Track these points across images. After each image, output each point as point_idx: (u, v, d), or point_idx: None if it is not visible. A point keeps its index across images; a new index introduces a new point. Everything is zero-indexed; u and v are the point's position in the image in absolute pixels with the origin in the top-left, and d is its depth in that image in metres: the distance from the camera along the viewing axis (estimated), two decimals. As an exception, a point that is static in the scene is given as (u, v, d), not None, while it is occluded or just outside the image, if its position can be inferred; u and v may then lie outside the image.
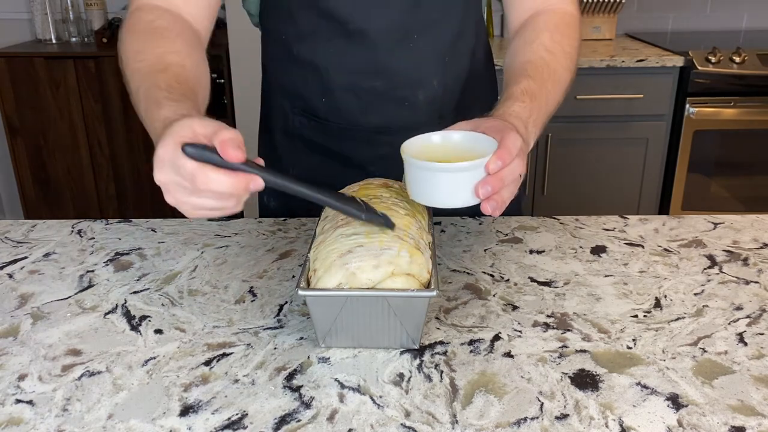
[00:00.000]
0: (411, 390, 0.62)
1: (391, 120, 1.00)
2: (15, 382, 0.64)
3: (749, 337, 0.70)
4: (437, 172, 0.67)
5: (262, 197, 1.14)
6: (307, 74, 1.00)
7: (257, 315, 0.75)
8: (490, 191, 0.67)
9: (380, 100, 0.99)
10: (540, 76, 0.85)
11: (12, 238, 0.95)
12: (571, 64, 0.92)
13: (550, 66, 0.87)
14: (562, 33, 0.93)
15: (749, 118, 2.38)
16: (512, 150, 0.68)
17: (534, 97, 0.81)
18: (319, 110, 1.02)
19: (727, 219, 0.99)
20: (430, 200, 0.69)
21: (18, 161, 2.79)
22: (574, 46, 0.93)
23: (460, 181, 0.67)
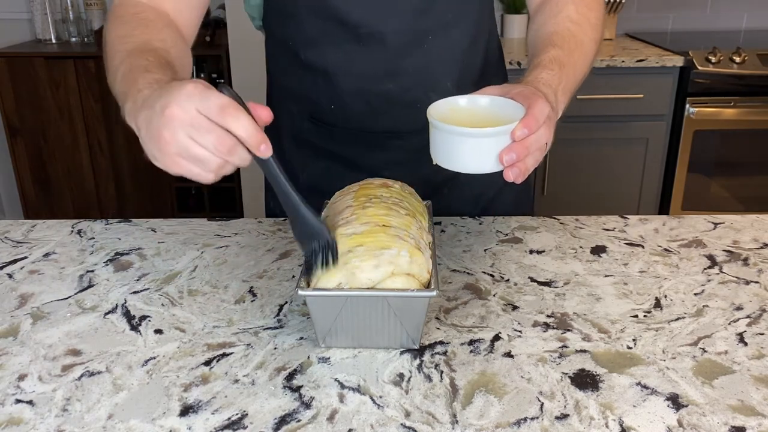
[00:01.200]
0: (411, 390, 0.62)
1: (401, 123, 0.99)
2: (15, 382, 0.64)
3: (749, 337, 0.70)
4: (462, 136, 0.66)
5: (269, 202, 1.13)
6: (316, 79, 0.98)
7: (257, 315, 0.75)
8: (515, 159, 0.66)
9: (391, 103, 0.97)
10: (567, 46, 0.84)
11: (12, 238, 0.95)
12: (597, 35, 0.91)
13: (577, 36, 0.87)
14: (587, 5, 0.92)
15: (749, 118, 2.38)
16: (539, 118, 0.67)
17: (562, 66, 0.80)
18: (328, 115, 1.01)
19: (727, 219, 0.99)
20: (454, 165, 0.69)
21: (18, 161, 2.79)
22: (599, 18, 0.93)
23: (485, 147, 0.67)
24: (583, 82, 0.88)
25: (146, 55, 0.75)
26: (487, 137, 0.66)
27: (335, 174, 1.04)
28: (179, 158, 0.62)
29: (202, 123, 0.60)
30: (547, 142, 0.70)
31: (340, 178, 1.04)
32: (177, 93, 0.61)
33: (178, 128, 0.60)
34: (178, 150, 0.61)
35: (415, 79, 0.96)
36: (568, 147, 2.44)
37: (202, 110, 0.59)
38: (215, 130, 0.60)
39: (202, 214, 2.88)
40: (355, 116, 0.99)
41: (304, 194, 0.81)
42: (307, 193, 1.07)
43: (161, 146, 0.62)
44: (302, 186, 1.05)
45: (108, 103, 2.70)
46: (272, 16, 1.02)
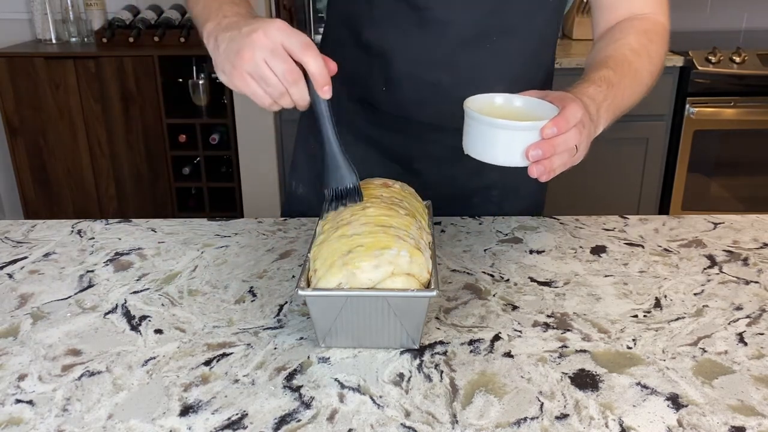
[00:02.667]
0: (411, 390, 0.62)
1: (445, 118, 0.97)
2: (15, 382, 0.64)
3: (749, 337, 0.70)
4: (493, 127, 0.70)
5: (291, 183, 1.14)
6: (372, 60, 0.98)
7: (257, 315, 0.75)
8: (540, 155, 0.69)
9: (440, 95, 0.97)
10: (620, 70, 0.85)
11: (12, 238, 0.95)
12: (655, 69, 0.91)
13: (633, 64, 0.87)
14: (649, 38, 0.92)
15: (749, 118, 2.38)
16: (570, 119, 0.69)
17: (611, 85, 0.81)
18: (377, 99, 1.01)
19: (727, 219, 0.99)
20: (483, 155, 0.73)
21: (18, 161, 2.79)
22: (660, 54, 0.93)
23: (514, 141, 0.69)
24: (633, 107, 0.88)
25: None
26: (516, 131, 0.69)
27: (371, 160, 1.04)
28: (248, 76, 0.70)
29: (280, 53, 0.69)
30: (577, 146, 0.71)
31: (375, 164, 1.04)
32: (267, 23, 0.70)
33: (258, 50, 0.68)
34: (251, 69, 0.69)
35: (468, 76, 0.95)
36: (568, 147, 2.44)
37: (285, 44, 0.69)
38: (288, 62, 0.69)
39: (202, 214, 2.88)
40: (402, 102, 0.99)
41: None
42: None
43: (237, 62, 0.70)
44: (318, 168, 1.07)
45: (108, 103, 2.70)
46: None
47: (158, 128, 2.74)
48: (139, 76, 2.66)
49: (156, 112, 2.71)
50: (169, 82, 2.75)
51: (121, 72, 2.66)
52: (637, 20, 0.96)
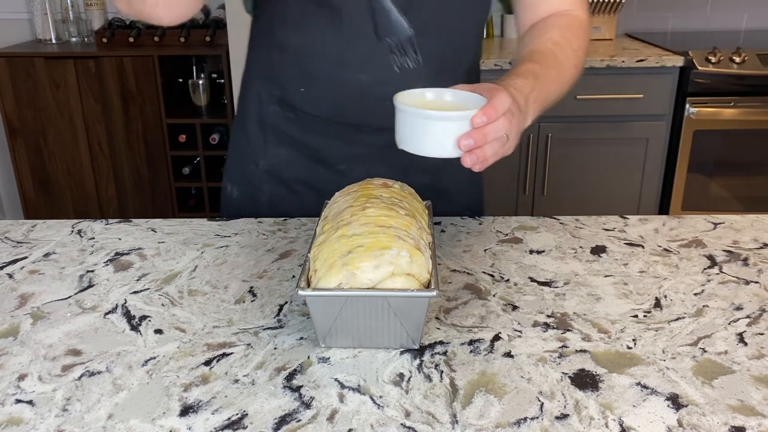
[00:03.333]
0: (411, 390, 0.62)
1: (370, 117, 0.99)
2: (15, 382, 0.64)
3: (749, 337, 0.70)
4: (423, 119, 0.70)
5: (226, 185, 1.12)
6: (291, 61, 0.98)
7: (257, 315, 0.75)
8: (472, 144, 0.69)
9: (361, 96, 0.97)
10: (546, 63, 0.87)
11: (12, 238, 0.95)
12: (578, 61, 0.93)
13: (557, 57, 0.89)
14: (572, 33, 0.95)
15: (749, 118, 2.38)
16: (498, 108, 0.70)
17: (537, 77, 0.82)
18: (297, 100, 1.00)
19: (727, 219, 0.99)
20: (415, 147, 0.72)
21: (18, 161, 2.79)
22: (582, 46, 0.95)
23: (446, 131, 0.70)
24: (558, 101, 0.90)
25: None
26: (446, 121, 0.69)
27: (295, 163, 1.04)
28: None
29: None
30: (507, 134, 0.72)
31: (301, 168, 1.04)
32: None
33: None
34: None
35: (387, 76, 0.95)
36: (568, 147, 2.44)
37: None
38: None
39: (202, 214, 2.88)
40: (322, 103, 0.99)
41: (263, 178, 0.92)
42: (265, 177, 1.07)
43: None
44: (261, 170, 1.06)
45: (108, 103, 2.70)
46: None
47: (158, 128, 2.74)
48: (139, 76, 2.67)
49: (156, 112, 2.71)
50: (169, 82, 2.76)
51: (121, 72, 2.66)
52: (558, 16, 0.98)
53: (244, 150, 1.08)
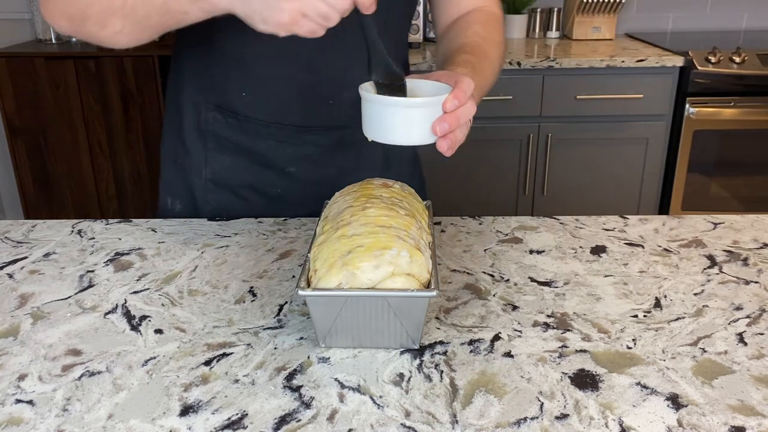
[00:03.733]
0: (411, 390, 0.62)
1: (314, 118, 0.99)
2: (15, 382, 0.64)
3: (749, 337, 0.70)
4: (395, 107, 0.70)
5: (166, 200, 1.10)
6: (229, 66, 0.97)
7: (257, 315, 0.75)
8: (447, 128, 0.70)
9: (305, 96, 0.97)
10: (477, 54, 0.90)
11: (12, 238, 0.95)
12: (500, 53, 0.98)
13: (485, 50, 0.93)
14: (492, 27, 1.00)
15: (749, 118, 2.38)
16: (467, 91, 0.71)
17: (474, 68, 0.85)
18: (238, 105, 0.99)
19: (727, 219, 0.99)
20: (386, 137, 0.72)
21: (18, 161, 2.79)
22: (501, 41, 1.00)
23: (417, 118, 0.70)
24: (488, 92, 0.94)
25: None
26: (418, 107, 0.70)
27: (241, 169, 1.03)
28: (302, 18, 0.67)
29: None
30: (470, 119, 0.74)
31: (247, 173, 1.03)
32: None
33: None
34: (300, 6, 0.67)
35: (330, 75, 0.96)
36: (568, 147, 2.44)
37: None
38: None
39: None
40: (266, 106, 0.99)
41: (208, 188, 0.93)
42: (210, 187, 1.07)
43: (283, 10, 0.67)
44: (205, 180, 1.05)
45: (108, 103, 2.70)
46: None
47: (158, 128, 2.73)
48: (139, 76, 2.67)
49: (156, 112, 2.71)
50: (169, 82, 2.75)
51: (121, 72, 2.66)
52: (476, 12, 1.02)
53: (183, 161, 1.06)
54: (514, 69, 2.31)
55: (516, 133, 2.42)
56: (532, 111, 2.39)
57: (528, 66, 2.32)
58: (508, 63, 2.30)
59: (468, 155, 2.41)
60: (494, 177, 2.49)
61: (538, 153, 2.45)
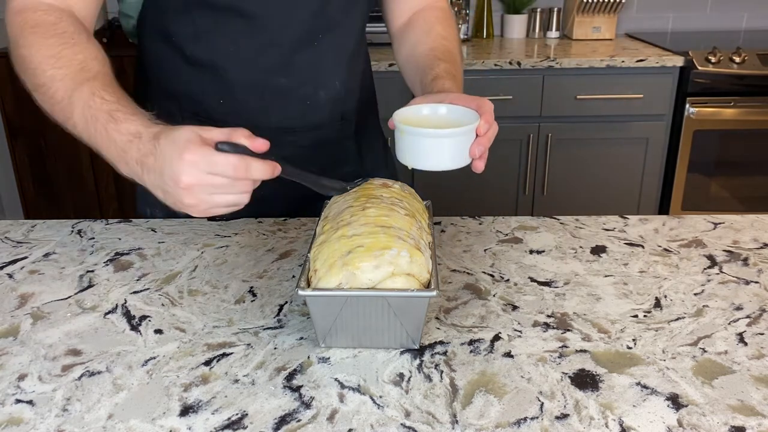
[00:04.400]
0: (411, 390, 0.62)
1: (294, 119, 1.01)
2: (15, 382, 0.64)
3: (749, 337, 0.70)
4: (434, 138, 0.76)
5: (145, 210, 1.10)
6: (202, 75, 0.97)
7: (257, 315, 0.75)
8: (483, 151, 0.77)
9: (283, 98, 0.98)
10: (450, 59, 0.95)
11: (12, 238, 0.95)
12: (460, 50, 1.04)
13: (452, 52, 0.98)
14: (448, 25, 1.05)
15: (749, 118, 2.38)
16: (492, 114, 0.78)
17: (454, 77, 0.91)
18: (216, 112, 0.99)
19: (727, 219, 0.99)
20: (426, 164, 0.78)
21: (18, 161, 2.79)
22: (456, 36, 1.05)
23: (455, 145, 0.76)
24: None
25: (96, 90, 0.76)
26: (456, 137, 0.75)
27: None
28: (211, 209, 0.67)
29: (218, 180, 0.64)
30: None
31: None
32: (179, 163, 0.63)
33: (199, 193, 0.65)
34: (207, 207, 0.66)
35: (305, 76, 0.98)
36: (568, 147, 2.44)
37: (214, 171, 0.64)
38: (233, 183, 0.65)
39: (202, 214, 2.88)
40: (245, 112, 0.99)
41: None
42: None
43: (191, 209, 0.66)
44: None
45: (108, 103, 2.70)
46: (154, 11, 0.99)
47: (158, 128, 2.74)
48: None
49: (156, 112, 2.71)
50: (169, 82, 2.75)
51: (121, 72, 2.65)
52: (430, 11, 1.06)
53: None
54: (514, 69, 2.31)
55: (516, 133, 2.42)
56: (532, 111, 2.39)
57: (528, 66, 2.32)
58: (507, 63, 2.30)
59: (468, 155, 2.41)
60: (494, 177, 2.49)
61: (538, 153, 2.45)
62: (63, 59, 0.79)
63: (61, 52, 0.80)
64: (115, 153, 0.72)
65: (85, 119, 0.75)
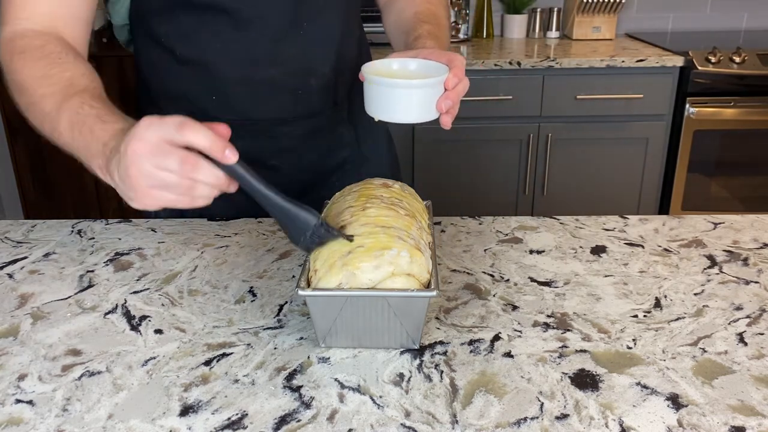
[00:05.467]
0: (411, 390, 0.62)
1: (286, 110, 1.01)
2: (15, 382, 0.64)
3: (749, 337, 0.70)
4: (402, 88, 0.75)
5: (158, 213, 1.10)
6: (194, 74, 0.98)
7: (257, 315, 0.75)
8: (450, 105, 0.77)
9: (274, 90, 0.99)
10: (434, 22, 0.96)
11: (12, 238, 0.95)
12: (448, 14, 1.05)
13: (438, 17, 0.99)
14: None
15: (749, 118, 2.38)
16: (462, 68, 0.77)
17: (437, 38, 0.92)
18: (209, 109, 1.00)
19: (727, 219, 0.99)
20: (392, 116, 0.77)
21: (18, 161, 2.79)
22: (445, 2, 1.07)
23: (422, 97, 0.76)
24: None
25: (85, 100, 0.75)
26: (423, 88, 0.75)
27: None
28: (151, 189, 0.63)
29: (164, 147, 0.61)
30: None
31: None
32: (136, 129, 0.62)
33: (143, 160, 0.61)
34: (147, 182, 0.62)
35: (295, 65, 0.98)
36: (568, 147, 2.44)
37: (163, 135, 0.61)
38: (176, 151, 0.61)
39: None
40: (239, 106, 0.99)
41: None
42: None
43: (132, 183, 0.63)
44: None
45: (108, 103, 2.70)
46: (142, 16, 1.00)
47: (158, 128, 2.74)
48: (139, 76, 2.66)
49: (156, 112, 2.71)
50: (169, 82, 2.75)
51: (121, 72, 2.66)
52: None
53: None
54: (514, 69, 2.31)
55: (516, 133, 2.42)
56: (532, 111, 2.39)
57: (528, 66, 2.32)
58: (507, 63, 2.30)
59: (468, 155, 2.41)
60: (494, 177, 2.49)
61: (538, 153, 2.45)
62: (52, 78, 0.79)
63: (50, 71, 0.80)
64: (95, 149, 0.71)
65: (71, 125, 0.74)
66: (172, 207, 0.65)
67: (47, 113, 0.77)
